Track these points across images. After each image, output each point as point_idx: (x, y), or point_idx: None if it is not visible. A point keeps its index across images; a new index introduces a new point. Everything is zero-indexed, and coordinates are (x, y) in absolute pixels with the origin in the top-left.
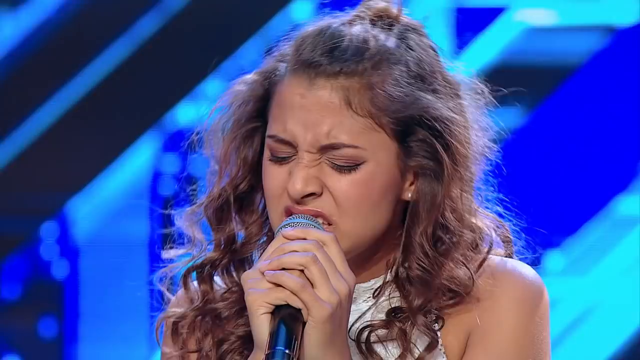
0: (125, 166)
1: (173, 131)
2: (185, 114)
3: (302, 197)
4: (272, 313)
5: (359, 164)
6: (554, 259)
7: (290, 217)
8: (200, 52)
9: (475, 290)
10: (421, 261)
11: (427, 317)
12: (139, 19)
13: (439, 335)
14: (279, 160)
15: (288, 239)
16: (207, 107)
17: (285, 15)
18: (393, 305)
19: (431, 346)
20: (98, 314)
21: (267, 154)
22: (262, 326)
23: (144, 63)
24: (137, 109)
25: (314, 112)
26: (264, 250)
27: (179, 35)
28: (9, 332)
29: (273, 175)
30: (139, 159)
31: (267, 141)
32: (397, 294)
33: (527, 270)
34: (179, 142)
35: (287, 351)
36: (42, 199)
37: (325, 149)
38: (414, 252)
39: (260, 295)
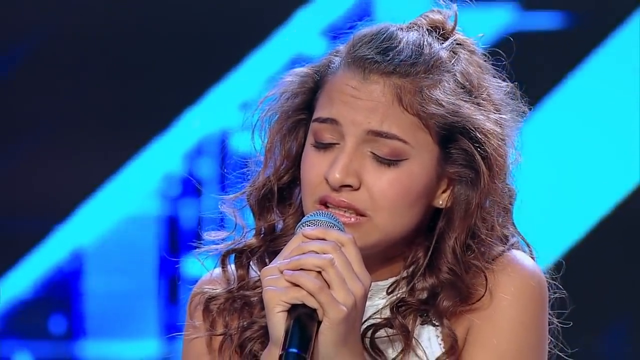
0: (135, 169)
1: (182, 135)
2: (194, 119)
3: (340, 187)
4: (289, 311)
5: (401, 160)
6: None
7: (312, 213)
8: (212, 55)
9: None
10: (452, 265)
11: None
12: (149, 20)
13: (457, 337)
14: (322, 147)
15: (308, 238)
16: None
17: (293, 23)
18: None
19: (452, 350)
20: (105, 310)
21: (310, 140)
22: (278, 324)
23: (152, 65)
24: (146, 113)
25: (366, 101)
26: None
27: (189, 36)
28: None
29: (313, 163)
30: (149, 163)
31: (312, 126)
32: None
33: (523, 259)
34: (187, 146)
35: (301, 353)
36: (53, 201)
37: (373, 136)
38: (445, 257)
39: (278, 293)
